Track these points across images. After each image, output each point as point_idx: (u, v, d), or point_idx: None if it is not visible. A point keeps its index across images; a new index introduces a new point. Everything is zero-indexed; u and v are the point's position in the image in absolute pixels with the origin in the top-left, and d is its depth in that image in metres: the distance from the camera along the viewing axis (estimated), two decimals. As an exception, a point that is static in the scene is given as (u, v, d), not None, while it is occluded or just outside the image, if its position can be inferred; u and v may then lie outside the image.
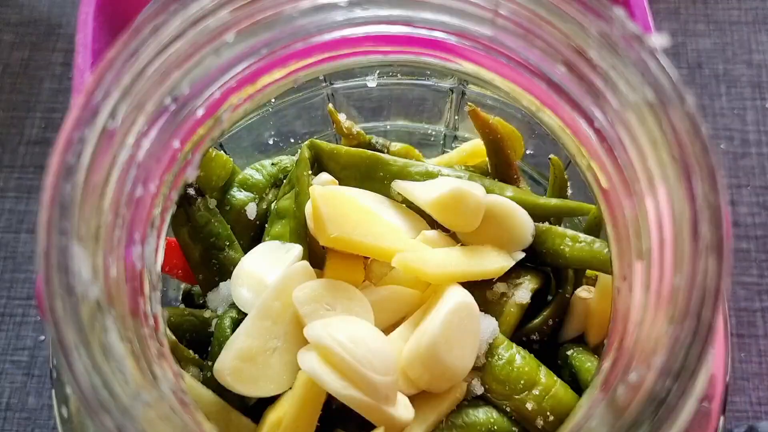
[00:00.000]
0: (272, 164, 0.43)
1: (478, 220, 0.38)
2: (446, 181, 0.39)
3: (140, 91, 0.29)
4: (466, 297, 0.35)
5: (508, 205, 0.38)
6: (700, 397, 0.28)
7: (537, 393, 0.35)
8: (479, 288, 0.37)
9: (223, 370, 0.34)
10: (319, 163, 0.42)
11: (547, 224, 0.39)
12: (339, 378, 0.33)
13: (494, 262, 0.37)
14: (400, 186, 0.40)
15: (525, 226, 0.39)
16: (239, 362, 0.34)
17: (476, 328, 0.35)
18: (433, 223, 0.39)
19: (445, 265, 0.36)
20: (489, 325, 0.36)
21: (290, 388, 0.34)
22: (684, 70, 0.68)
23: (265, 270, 0.37)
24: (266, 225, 0.42)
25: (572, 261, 0.38)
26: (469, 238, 0.38)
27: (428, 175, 0.40)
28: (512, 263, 0.38)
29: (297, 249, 0.38)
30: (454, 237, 0.39)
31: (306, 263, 0.36)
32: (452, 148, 0.48)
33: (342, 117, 0.44)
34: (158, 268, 0.33)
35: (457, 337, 0.34)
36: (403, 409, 0.34)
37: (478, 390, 0.36)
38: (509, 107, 0.44)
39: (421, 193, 0.39)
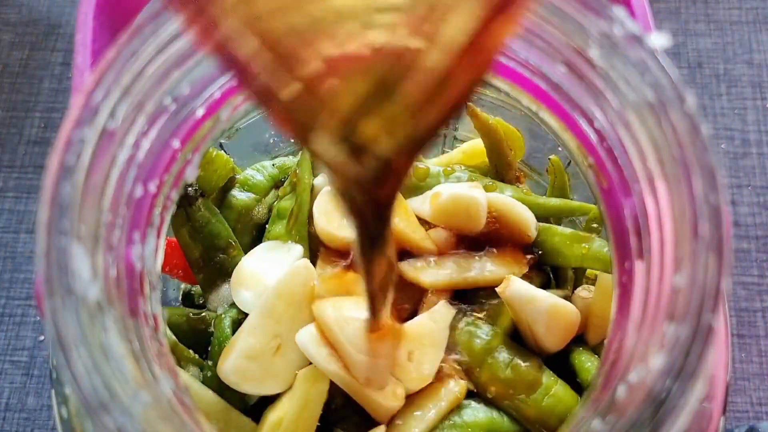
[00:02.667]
0: (273, 165, 0.43)
1: (482, 221, 0.38)
2: (443, 188, 0.39)
3: (140, 91, 0.29)
4: None
5: (509, 202, 0.39)
6: (701, 398, 0.28)
7: (537, 393, 0.35)
8: (480, 288, 0.38)
9: (228, 369, 0.34)
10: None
11: (547, 224, 0.40)
12: (327, 353, 0.33)
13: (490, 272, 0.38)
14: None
15: (528, 221, 0.39)
16: (244, 361, 0.34)
17: None
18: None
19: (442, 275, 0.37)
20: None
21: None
22: (684, 69, 0.68)
23: (265, 270, 0.37)
24: (267, 225, 0.41)
25: (572, 260, 0.38)
26: (475, 236, 0.39)
27: (428, 176, 0.40)
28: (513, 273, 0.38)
29: (298, 249, 0.38)
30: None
31: (307, 261, 0.36)
32: (452, 148, 0.48)
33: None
34: (158, 268, 0.33)
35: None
36: (390, 397, 0.34)
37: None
38: (509, 107, 0.44)
39: (420, 205, 0.39)
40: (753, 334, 0.58)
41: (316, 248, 0.39)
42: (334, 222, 0.37)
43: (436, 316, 0.36)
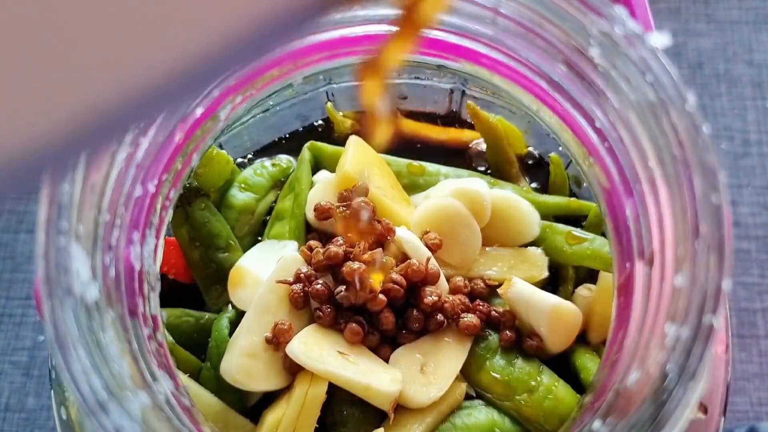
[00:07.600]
0: (272, 165, 0.43)
1: (487, 215, 0.38)
2: (446, 184, 0.39)
3: (139, 91, 0.29)
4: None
5: (512, 197, 0.39)
6: (701, 398, 0.28)
7: (538, 393, 0.35)
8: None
9: (231, 368, 0.34)
10: (319, 165, 0.41)
11: (547, 222, 0.39)
12: (319, 355, 0.34)
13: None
14: None
15: (531, 217, 0.39)
16: (246, 359, 0.34)
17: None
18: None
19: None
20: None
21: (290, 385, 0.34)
22: (684, 69, 0.67)
23: (261, 269, 0.37)
24: (266, 226, 0.41)
25: (573, 259, 0.38)
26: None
27: (428, 175, 0.40)
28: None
29: (292, 245, 0.38)
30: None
31: (296, 254, 0.36)
32: (452, 147, 0.48)
33: (341, 116, 0.44)
34: (157, 268, 0.33)
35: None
36: (389, 383, 0.34)
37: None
38: (510, 106, 0.44)
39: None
40: (753, 334, 0.58)
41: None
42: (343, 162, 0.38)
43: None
